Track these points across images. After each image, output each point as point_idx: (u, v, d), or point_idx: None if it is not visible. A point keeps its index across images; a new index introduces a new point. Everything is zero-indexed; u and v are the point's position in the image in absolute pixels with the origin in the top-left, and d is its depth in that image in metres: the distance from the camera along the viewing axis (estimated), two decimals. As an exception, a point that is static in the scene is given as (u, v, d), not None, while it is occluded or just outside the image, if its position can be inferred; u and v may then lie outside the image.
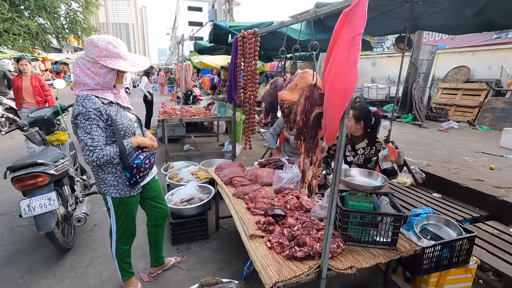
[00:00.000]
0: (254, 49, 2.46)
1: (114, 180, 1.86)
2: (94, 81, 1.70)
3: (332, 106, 1.39)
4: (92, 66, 1.69)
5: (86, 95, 1.69)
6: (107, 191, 1.88)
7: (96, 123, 1.67)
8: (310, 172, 1.71)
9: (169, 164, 4.13)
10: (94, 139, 1.66)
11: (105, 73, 1.71)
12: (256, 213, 2.18)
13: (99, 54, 1.68)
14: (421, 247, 1.89)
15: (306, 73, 1.72)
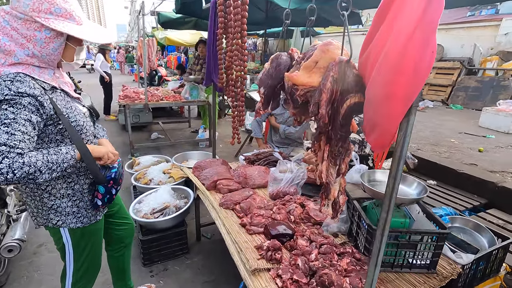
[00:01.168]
0: (242, 14, 1.86)
1: (73, 205, 1.28)
2: (25, 51, 1.07)
3: (388, 93, 0.89)
4: (23, 25, 1.05)
5: (14, 74, 1.05)
6: (61, 222, 1.28)
7: (27, 116, 1.04)
8: (337, 186, 1.23)
9: (134, 160, 3.45)
10: (13, 136, 0.99)
11: (45, 40, 1.08)
12: (253, 231, 1.68)
13: (37, 7, 1.04)
14: (461, 264, 1.54)
15: (330, 45, 1.19)
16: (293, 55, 1.48)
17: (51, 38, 1.09)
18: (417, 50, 0.81)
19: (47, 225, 1.28)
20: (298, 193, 2.08)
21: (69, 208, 1.27)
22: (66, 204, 1.26)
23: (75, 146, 1.18)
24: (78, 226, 1.31)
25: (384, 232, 0.99)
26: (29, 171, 0.99)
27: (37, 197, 1.23)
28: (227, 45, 2.10)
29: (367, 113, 1.03)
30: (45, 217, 1.26)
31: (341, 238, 1.67)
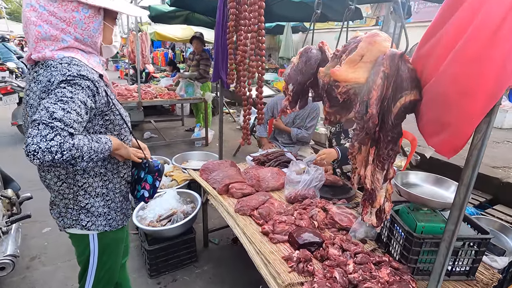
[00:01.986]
0: (259, 4, 1.71)
1: (105, 205, 1.19)
2: (67, 36, 0.99)
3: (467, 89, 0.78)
4: (60, 8, 0.96)
5: (69, 58, 0.98)
6: (91, 223, 1.18)
7: (83, 98, 0.97)
8: (383, 193, 1.13)
9: (130, 162, 3.24)
10: (68, 114, 0.91)
11: (85, 20, 1.00)
12: (277, 240, 1.56)
13: None
14: (496, 268, 1.48)
15: (377, 36, 1.07)
16: (323, 48, 1.36)
17: (90, 17, 1.01)
18: (508, 39, 0.71)
19: (75, 227, 1.18)
20: (316, 196, 1.97)
21: (101, 209, 1.19)
22: (99, 203, 1.18)
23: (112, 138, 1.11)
24: (106, 229, 1.22)
25: (450, 246, 0.89)
26: (75, 154, 0.93)
27: (71, 194, 1.13)
28: (238, 39, 1.95)
29: (429, 112, 0.92)
30: (74, 217, 1.17)
31: (370, 244, 1.57)
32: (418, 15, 9.53)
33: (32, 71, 1.02)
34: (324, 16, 4.73)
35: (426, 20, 9.27)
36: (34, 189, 3.38)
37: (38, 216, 2.87)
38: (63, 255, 2.36)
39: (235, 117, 6.81)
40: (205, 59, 5.05)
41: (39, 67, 0.99)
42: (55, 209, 1.21)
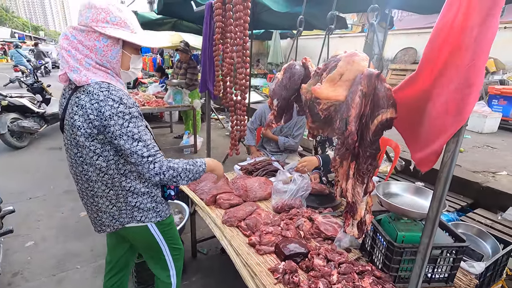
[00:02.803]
0: (244, 19, 1.74)
1: (152, 200, 1.39)
2: (88, 59, 1.15)
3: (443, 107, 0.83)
4: (85, 37, 1.15)
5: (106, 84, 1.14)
6: (144, 217, 1.38)
7: (142, 122, 1.20)
8: (364, 205, 1.17)
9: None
10: (148, 144, 1.19)
11: (104, 48, 1.16)
12: (264, 251, 1.58)
13: (95, 17, 1.13)
14: (474, 274, 1.54)
15: (355, 56, 1.11)
16: (306, 64, 1.40)
17: (109, 46, 1.17)
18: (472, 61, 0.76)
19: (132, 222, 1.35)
20: (303, 205, 2.00)
21: (149, 204, 1.37)
22: (146, 200, 1.36)
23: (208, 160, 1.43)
24: (158, 220, 1.42)
25: (426, 257, 0.93)
26: (173, 174, 1.24)
27: (121, 198, 1.30)
28: (224, 52, 1.98)
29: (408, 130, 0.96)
30: (129, 215, 1.35)
31: (354, 253, 1.61)
32: (402, 23, 9.83)
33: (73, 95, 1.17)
34: (310, 25, 4.83)
35: (409, 27, 9.60)
36: (16, 202, 3.31)
37: (21, 230, 2.81)
38: (48, 270, 2.31)
39: (224, 123, 6.82)
40: (192, 67, 5.07)
41: (80, 92, 1.14)
42: (102, 216, 1.34)
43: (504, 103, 5.77)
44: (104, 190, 1.27)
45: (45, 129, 5.77)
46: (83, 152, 1.19)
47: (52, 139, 5.69)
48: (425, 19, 9.70)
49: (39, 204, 3.32)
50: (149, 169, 1.18)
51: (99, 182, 1.25)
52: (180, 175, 1.26)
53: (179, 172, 1.25)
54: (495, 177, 3.46)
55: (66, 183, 3.85)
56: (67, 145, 1.25)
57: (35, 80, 6.40)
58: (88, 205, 1.35)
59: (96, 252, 2.53)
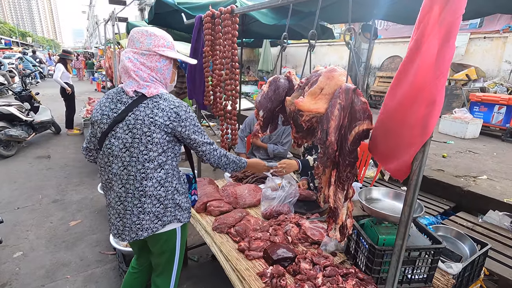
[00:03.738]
0: (232, 33, 1.83)
1: (186, 200, 1.56)
2: (150, 77, 1.37)
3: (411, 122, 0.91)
4: (148, 59, 1.36)
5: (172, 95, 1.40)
6: (182, 217, 1.52)
7: None
8: (345, 210, 1.24)
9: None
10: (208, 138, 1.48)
11: (163, 67, 1.40)
12: (253, 256, 1.63)
13: (157, 43, 1.36)
14: (452, 274, 1.63)
15: (334, 71, 1.20)
16: (290, 77, 1.48)
17: (167, 65, 1.41)
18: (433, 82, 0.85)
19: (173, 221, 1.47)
20: (291, 211, 2.07)
21: (186, 204, 1.54)
22: (185, 200, 1.54)
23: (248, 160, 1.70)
24: (185, 222, 1.55)
25: (400, 258, 1.01)
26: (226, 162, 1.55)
27: (169, 195, 1.43)
28: (214, 63, 2.05)
29: (384, 142, 1.05)
30: (173, 214, 1.46)
31: (340, 257, 1.68)
32: (388, 32, 10.16)
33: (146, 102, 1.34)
34: (299, 35, 4.98)
35: (395, 36, 9.92)
36: (3, 212, 3.27)
37: (9, 240, 2.79)
38: (37, 280, 2.30)
39: (215, 130, 6.87)
40: (181, 76, 5.12)
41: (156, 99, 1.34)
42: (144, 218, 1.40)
43: (484, 109, 6.01)
44: (156, 188, 1.39)
45: (33, 138, 5.70)
46: (150, 148, 1.33)
47: (41, 147, 5.62)
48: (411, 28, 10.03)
49: (28, 214, 3.28)
50: (214, 154, 1.47)
51: (153, 179, 1.37)
52: (230, 164, 1.55)
53: (229, 161, 1.54)
54: (476, 182, 3.61)
55: (55, 192, 3.82)
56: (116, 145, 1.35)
57: (23, 88, 6.33)
58: (129, 209, 1.40)
59: (86, 262, 2.53)
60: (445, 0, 0.80)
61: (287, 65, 12.70)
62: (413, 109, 0.88)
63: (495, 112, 5.83)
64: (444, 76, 0.83)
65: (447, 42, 0.81)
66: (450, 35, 0.81)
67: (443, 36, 0.81)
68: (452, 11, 0.79)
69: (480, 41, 7.56)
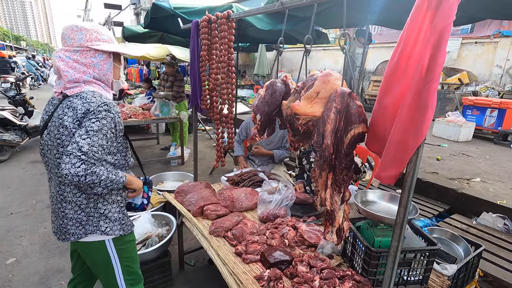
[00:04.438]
0: (229, 38, 1.84)
1: (119, 211, 1.41)
2: (87, 76, 1.29)
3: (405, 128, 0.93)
4: (82, 56, 1.28)
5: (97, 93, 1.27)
6: (109, 229, 1.37)
7: (106, 131, 1.24)
8: (341, 213, 1.25)
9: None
10: (92, 148, 1.19)
11: (100, 62, 1.32)
12: (250, 260, 1.63)
13: (89, 37, 1.28)
14: (447, 275, 1.64)
15: (329, 75, 1.22)
16: (287, 81, 1.50)
17: (104, 60, 1.32)
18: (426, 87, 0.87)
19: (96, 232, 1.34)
20: (288, 214, 2.07)
21: (116, 214, 1.39)
22: (115, 210, 1.39)
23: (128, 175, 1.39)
24: (121, 234, 1.40)
25: (395, 260, 1.02)
26: (94, 180, 1.19)
27: (91, 203, 1.32)
28: (210, 68, 2.07)
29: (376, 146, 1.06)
30: (95, 224, 1.34)
31: (337, 259, 1.69)
32: (382, 37, 10.30)
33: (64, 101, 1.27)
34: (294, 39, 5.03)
35: (389, 41, 10.07)
36: (-3, 217, 3.22)
37: (2, 246, 2.75)
38: (31, 287, 2.27)
39: (211, 134, 6.87)
40: (179, 80, 5.14)
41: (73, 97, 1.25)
42: (68, 223, 1.33)
43: (477, 113, 6.10)
44: (75, 194, 1.30)
45: (27, 142, 5.64)
46: (62, 152, 1.24)
47: (35, 152, 5.57)
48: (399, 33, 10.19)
49: (21, 220, 3.24)
50: (72, 163, 1.13)
51: (71, 185, 1.28)
52: (100, 182, 1.22)
53: (100, 180, 1.21)
54: (470, 184, 3.66)
55: (50, 197, 3.78)
56: (46, 148, 1.31)
57: (18, 92, 6.28)
58: (57, 211, 1.35)
59: (81, 267, 2.49)
60: (436, 7, 0.82)
61: (283, 69, 12.78)
62: (406, 114, 0.90)
63: (487, 116, 5.93)
64: (436, 81, 0.85)
65: (438, 48, 0.84)
66: (442, 41, 0.84)
67: (435, 42, 0.84)
68: (443, 17, 0.81)
69: (472, 46, 7.70)
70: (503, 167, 4.32)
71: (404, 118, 0.92)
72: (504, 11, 2.54)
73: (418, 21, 0.87)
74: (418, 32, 0.91)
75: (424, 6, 0.86)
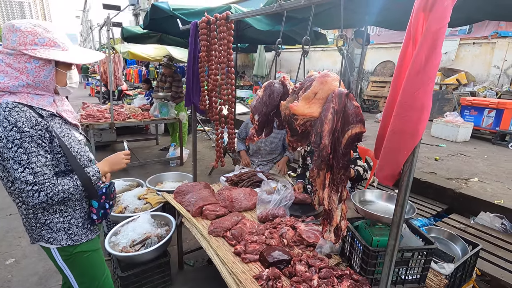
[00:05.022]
0: (228, 39, 1.86)
1: (64, 221, 1.31)
2: (19, 82, 1.15)
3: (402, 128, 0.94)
4: (15, 60, 1.14)
5: (9, 103, 1.11)
6: (52, 239, 1.30)
7: (36, 145, 1.14)
8: (339, 212, 1.26)
9: (102, 185, 3.19)
10: (36, 171, 1.12)
11: (36, 69, 1.16)
12: (249, 260, 1.64)
13: (22, 40, 1.13)
14: (444, 274, 1.65)
15: (327, 76, 1.24)
16: (285, 82, 1.51)
17: (41, 67, 1.16)
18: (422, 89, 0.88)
19: (41, 241, 1.30)
20: (286, 214, 2.08)
21: (60, 224, 1.30)
22: (58, 219, 1.29)
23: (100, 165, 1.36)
24: (69, 243, 1.32)
25: (393, 258, 1.03)
26: (64, 196, 1.19)
27: (30, 213, 1.26)
28: (210, 68, 2.08)
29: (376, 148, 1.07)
30: (38, 233, 1.29)
31: (335, 259, 1.70)
32: (380, 38, 10.34)
33: None
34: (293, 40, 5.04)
35: (387, 42, 10.11)
36: (-4, 218, 3.22)
37: (1, 247, 2.75)
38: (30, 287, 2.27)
39: (210, 135, 6.88)
40: (177, 81, 5.15)
41: None
42: (25, 224, 1.32)
43: (475, 113, 6.13)
44: (17, 204, 1.27)
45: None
46: None
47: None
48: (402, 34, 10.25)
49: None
50: (33, 197, 1.12)
51: (13, 195, 1.25)
52: (72, 192, 1.21)
53: (70, 192, 1.20)
54: (468, 184, 3.67)
55: (49, 198, 3.77)
56: None
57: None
58: None
59: (81, 268, 2.49)
60: (430, 8, 0.84)
61: (281, 69, 12.81)
62: (402, 115, 0.91)
63: (485, 116, 5.95)
64: (432, 82, 0.86)
65: (434, 49, 0.85)
66: (437, 42, 0.85)
67: (430, 44, 0.85)
68: (437, 19, 0.82)
69: (470, 46, 7.74)
70: (500, 167, 4.34)
71: (400, 118, 0.93)
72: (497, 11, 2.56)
73: (414, 22, 0.89)
74: (415, 33, 0.92)
75: (421, 7, 0.88)
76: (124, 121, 4.31)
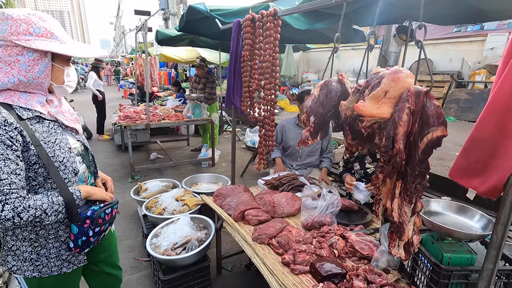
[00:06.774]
0: (274, 36, 1.77)
1: (32, 251, 1.13)
2: (10, 79, 1.00)
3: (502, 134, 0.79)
4: (4, 52, 0.98)
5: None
6: (16, 268, 1.13)
7: (5, 147, 0.95)
8: (411, 226, 1.12)
9: (140, 185, 3.24)
10: (1, 178, 0.93)
11: (29, 62, 1.01)
12: (299, 271, 1.53)
13: (15, 30, 0.98)
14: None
15: (399, 73, 1.10)
16: (343, 81, 1.39)
17: (35, 60, 1.02)
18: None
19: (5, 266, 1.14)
20: (334, 222, 1.95)
21: (27, 254, 1.13)
22: (25, 248, 1.12)
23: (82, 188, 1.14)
24: (34, 275, 1.14)
25: (489, 285, 0.87)
26: (35, 214, 0.97)
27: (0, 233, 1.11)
28: (253, 68, 2.00)
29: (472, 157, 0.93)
30: (3, 258, 1.14)
31: (393, 274, 1.54)
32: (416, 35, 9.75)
33: None
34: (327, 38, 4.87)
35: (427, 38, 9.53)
36: None
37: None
38: (74, 285, 2.31)
39: (239, 135, 6.85)
40: (211, 82, 5.16)
41: None
42: None
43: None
44: None
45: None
46: None
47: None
48: (441, 30, 9.63)
49: None
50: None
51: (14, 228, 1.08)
52: (46, 211, 0.99)
53: (44, 210, 0.99)
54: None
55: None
56: None
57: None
58: None
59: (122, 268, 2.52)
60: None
61: (309, 69, 12.55)
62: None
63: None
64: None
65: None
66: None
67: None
68: None
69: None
70: None
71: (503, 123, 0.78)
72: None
73: None
74: None
75: None
76: (159, 122, 4.38)
